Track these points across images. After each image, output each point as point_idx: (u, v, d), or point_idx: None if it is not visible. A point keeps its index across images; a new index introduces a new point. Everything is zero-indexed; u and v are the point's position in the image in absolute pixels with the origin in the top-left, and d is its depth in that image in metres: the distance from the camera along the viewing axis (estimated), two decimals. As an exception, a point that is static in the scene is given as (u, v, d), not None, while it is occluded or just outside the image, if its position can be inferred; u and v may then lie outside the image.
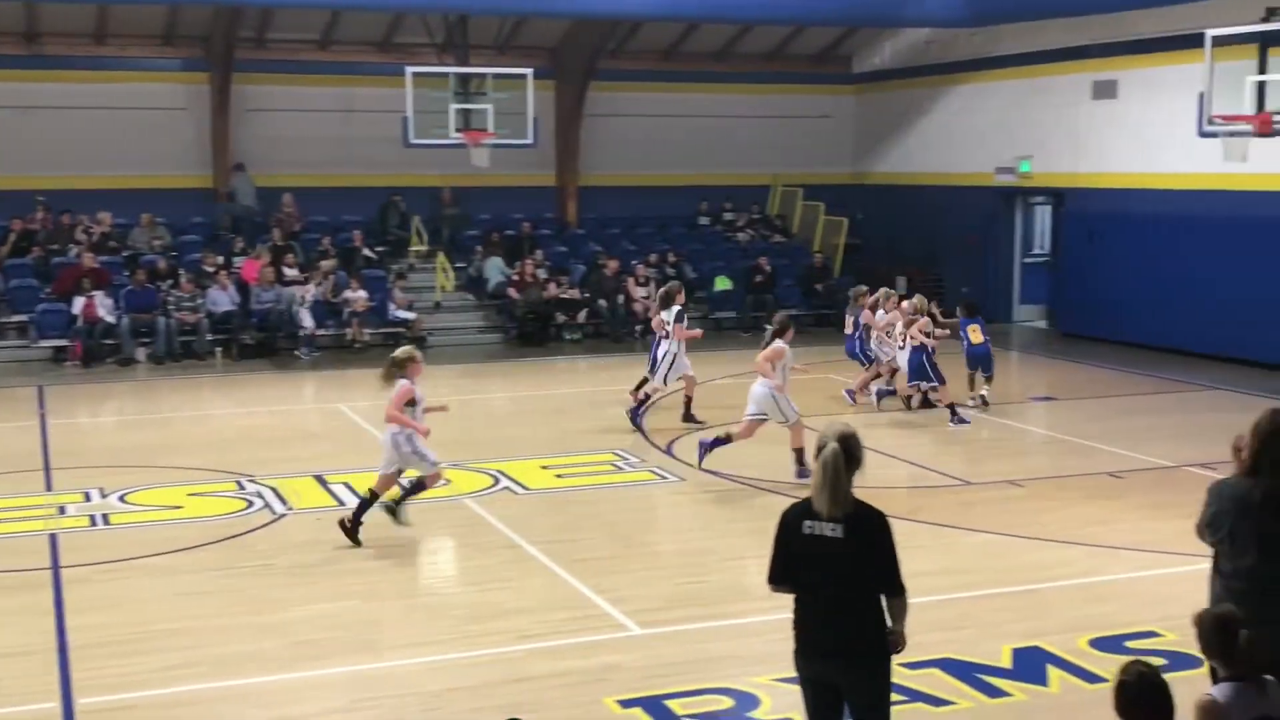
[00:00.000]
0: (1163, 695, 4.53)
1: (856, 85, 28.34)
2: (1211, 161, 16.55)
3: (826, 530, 5.36)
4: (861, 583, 5.40)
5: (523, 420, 16.43)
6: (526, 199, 25.57)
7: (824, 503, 5.35)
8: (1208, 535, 5.53)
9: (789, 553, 5.50)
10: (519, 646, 8.33)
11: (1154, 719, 4.54)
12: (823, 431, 5.48)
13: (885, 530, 5.42)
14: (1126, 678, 4.57)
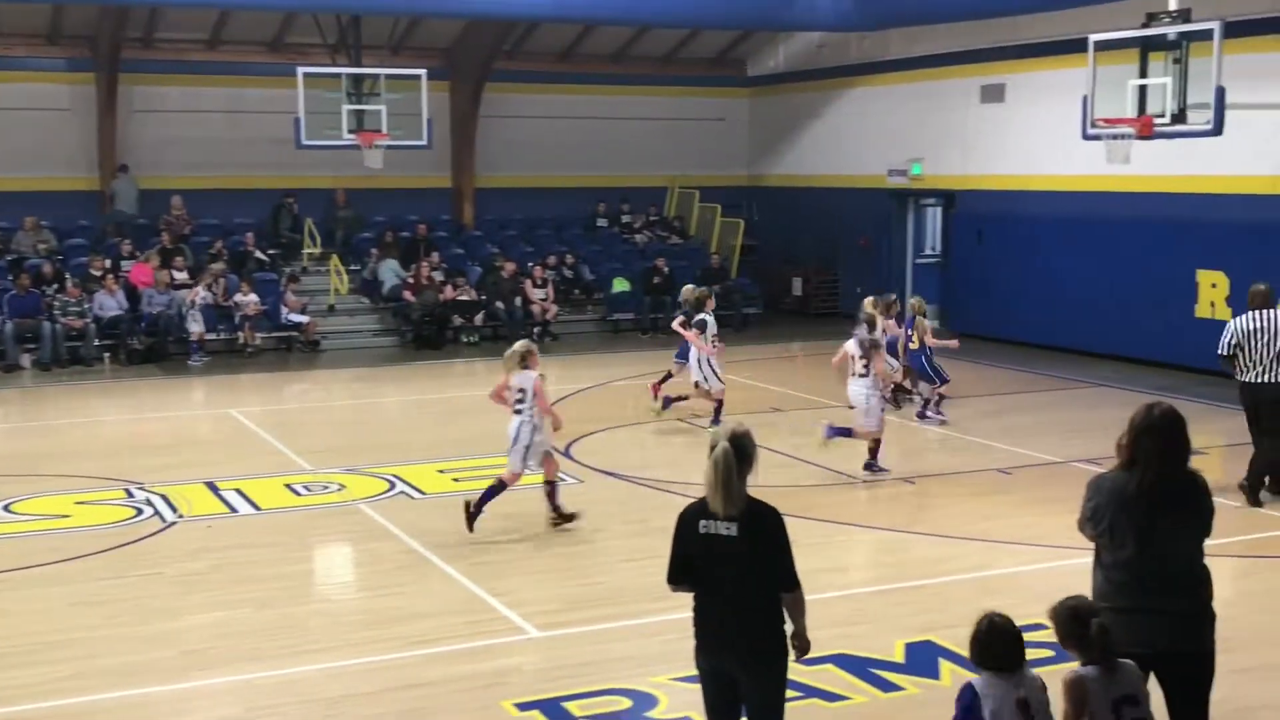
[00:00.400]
0: (1013, 638, 5.08)
1: (751, 88, 28.58)
2: (1095, 164, 16.94)
3: (722, 529, 5.41)
4: (757, 580, 5.45)
5: (419, 424, 16.31)
6: (422, 201, 25.39)
7: (718, 502, 5.39)
8: (1089, 529, 5.66)
9: (686, 552, 5.54)
10: (416, 652, 8.27)
11: (1006, 662, 5.06)
12: (715, 431, 5.53)
13: (779, 527, 5.47)
14: (980, 627, 5.12)
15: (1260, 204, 17.88)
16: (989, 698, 5.03)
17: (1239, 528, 10.52)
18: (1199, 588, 5.57)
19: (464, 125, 25.52)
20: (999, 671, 5.09)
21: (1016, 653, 5.11)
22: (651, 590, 9.30)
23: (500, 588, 9.46)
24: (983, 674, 5.12)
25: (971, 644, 5.16)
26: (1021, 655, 5.12)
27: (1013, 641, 5.11)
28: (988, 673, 5.10)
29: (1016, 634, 5.13)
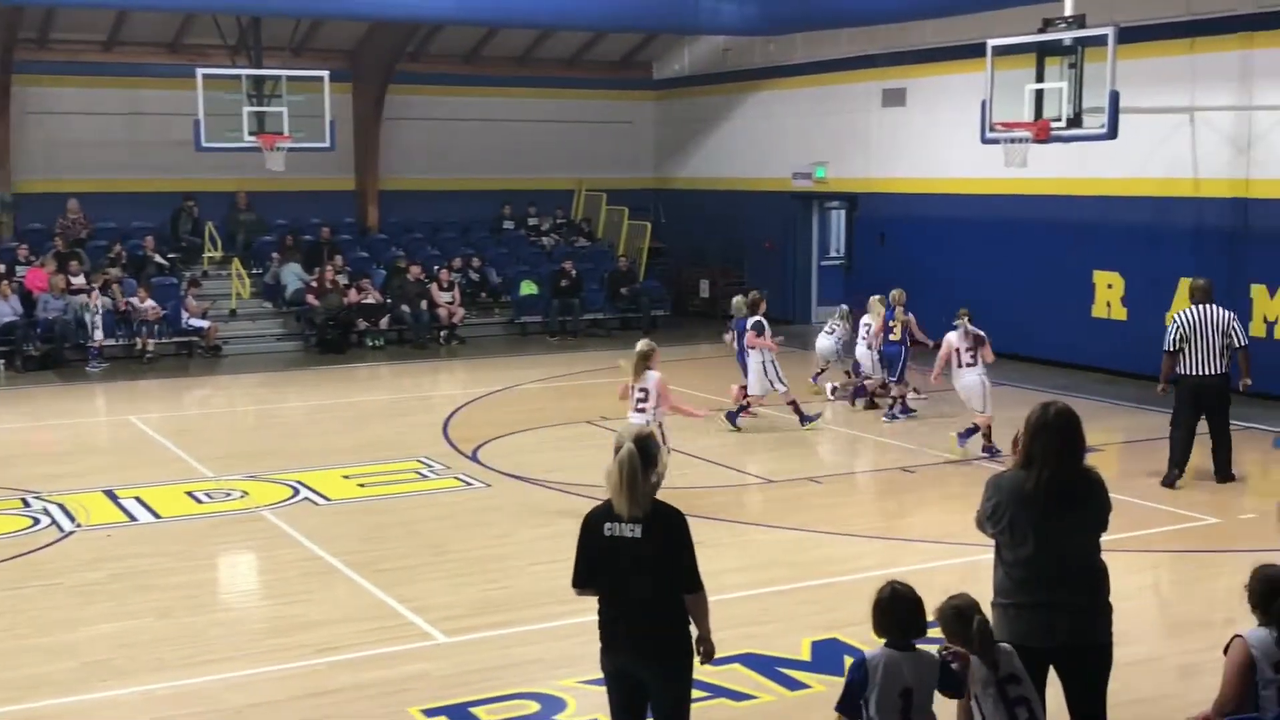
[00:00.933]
0: (915, 606, 5.18)
1: (657, 91, 28.66)
2: (994, 167, 17.21)
3: (626, 531, 5.42)
4: (662, 582, 5.47)
5: (323, 429, 16.13)
6: (325, 203, 25.13)
7: (623, 504, 5.40)
8: (988, 527, 5.75)
9: (591, 555, 5.55)
10: (321, 659, 8.18)
11: (908, 630, 5.17)
12: (619, 433, 5.53)
13: (683, 529, 5.50)
14: (881, 594, 5.23)
15: (1154, 206, 18.30)
16: (876, 680, 5.10)
17: (1134, 523, 10.75)
18: (1096, 582, 5.68)
19: (367, 127, 25.29)
20: (898, 646, 5.17)
21: (918, 621, 5.19)
22: (559, 593, 9.27)
23: (407, 594, 9.39)
24: (880, 649, 5.19)
25: (873, 611, 5.23)
26: (923, 624, 5.19)
27: (914, 609, 5.18)
28: (885, 648, 5.18)
29: (918, 601, 5.20)
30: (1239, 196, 17.31)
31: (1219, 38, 17.33)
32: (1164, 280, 17.82)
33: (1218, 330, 12.03)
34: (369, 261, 24.29)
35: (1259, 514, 11.42)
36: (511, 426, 15.50)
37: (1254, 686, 5.33)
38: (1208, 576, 9.89)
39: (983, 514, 5.75)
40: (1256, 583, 5.48)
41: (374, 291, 22.91)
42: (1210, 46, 17.44)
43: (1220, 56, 17.31)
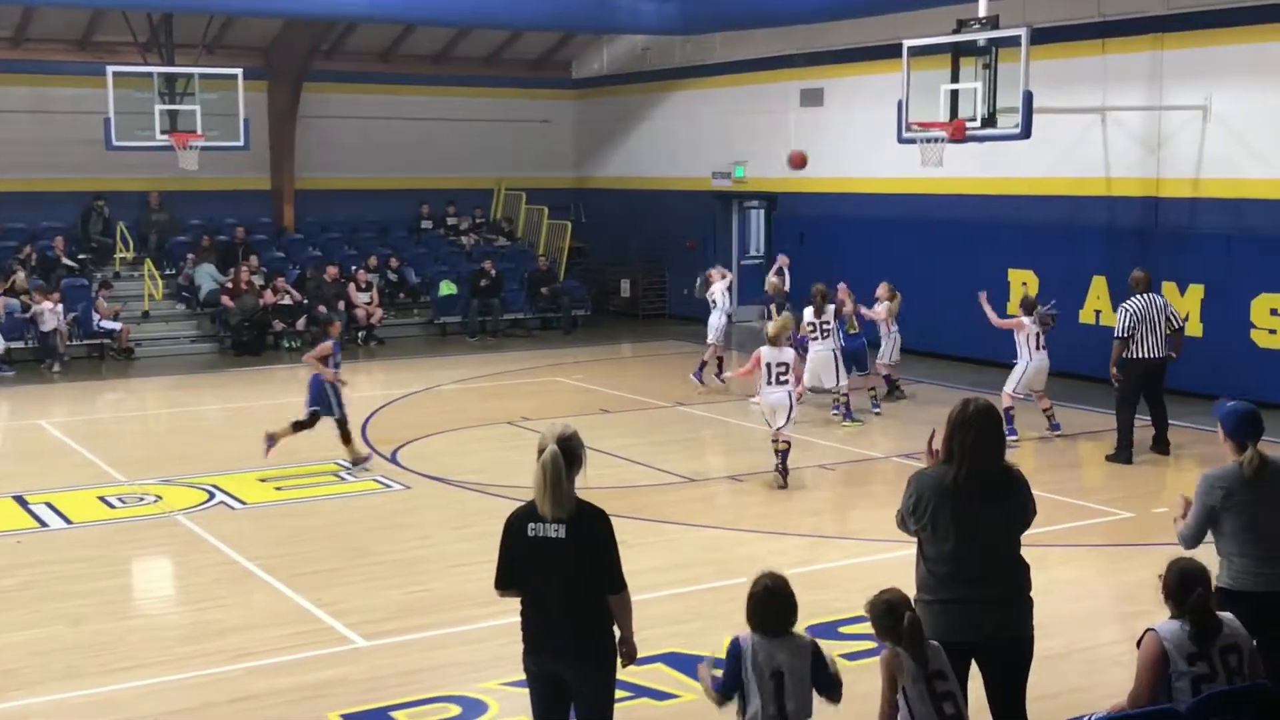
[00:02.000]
0: (785, 603, 5.32)
1: (576, 90, 28.62)
2: (911, 166, 17.38)
3: (550, 531, 5.40)
4: (585, 582, 5.46)
5: (239, 432, 15.85)
6: (239, 203, 24.80)
7: (547, 505, 5.37)
8: (910, 523, 5.79)
9: (514, 556, 5.52)
10: (238, 665, 8.06)
11: (774, 625, 5.29)
12: (543, 433, 5.49)
13: (607, 529, 5.49)
14: (755, 588, 5.35)
15: (1067, 205, 18.59)
16: (747, 663, 5.27)
17: (1050, 517, 10.87)
18: (1018, 576, 5.74)
19: (282, 126, 24.98)
20: (766, 633, 5.31)
21: (786, 618, 5.32)
22: (480, 596, 9.23)
23: (325, 598, 9.28)
24: (751, 633, 5.33)
25: (747, 602, 5.36)
26: (789, 621, 5.33)
27: (783, 605, 5.32)
28: (753, 633, 5.32)
29: (789, 599, 5.34)
30: (1149, 196, 17.64)
31: (1130, 39, 17.64)
32: (1077, 278, 18.11)
33: (1161, 316, 13.21)
34: (285, 262, 24.01)
35: (1170, 508, 11.62)
36: (431, 428, 15.39)
37: (1167, 679, 5.40)
38: (1121, 570, 10.04)
39: (904, 510, 5.78)
40: (1171, 576, 5.55)
41: (290, 292, 22.64)
42: (1121, 48, 17.76)
43: (1131, 57, 17.63)
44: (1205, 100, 16.79)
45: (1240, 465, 6.19)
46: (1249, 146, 16.36)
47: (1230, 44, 16.39)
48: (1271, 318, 15.93)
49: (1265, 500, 6.19)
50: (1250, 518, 6.17)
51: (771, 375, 12.52)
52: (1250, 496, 6.17)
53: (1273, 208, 16.21)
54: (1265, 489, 6.19)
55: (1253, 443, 6.22)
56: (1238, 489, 6.20)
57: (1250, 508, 6.17)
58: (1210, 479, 6.27)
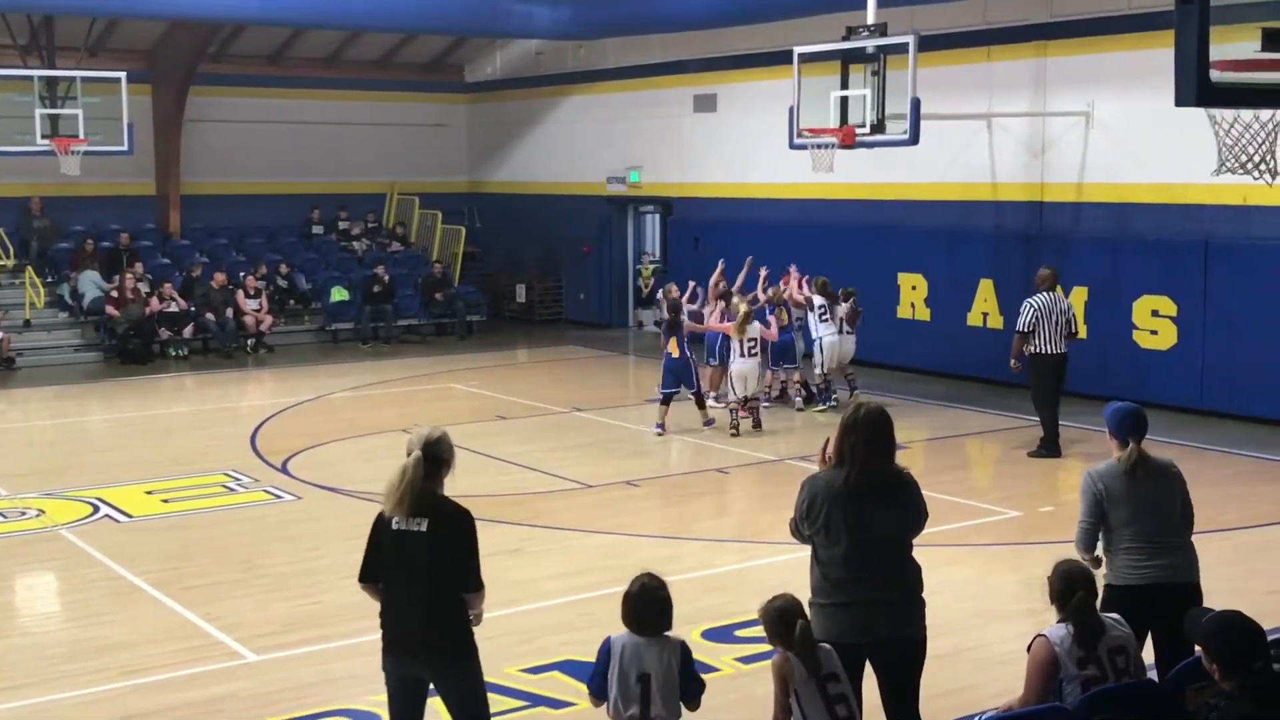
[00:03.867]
0: (658, 604, 5.41)
1: (470, 94, 28.47)
2: (803, 172, 17.53)
3: (414, 526, 5.55)
4: (444, 579, 5.59)
5: (125, 443, 15.55)
6: (124, 208, 24.26)
7: (396, 507, 5.55)
8: (804, 527, 5.83)
9: (379, 549, 5.67)
10: (124, 683, 7.86)
11: (646, 625, 5.39)
12: (410, 437, 5.65)
13: (469, 529, 5.62)
14: (631, 588, 5.44)
15: (955, 210, 18.90)
16: (615, 663, 5.37)
17: (939, 517, 11.01)
18: (910, 577, 5.81)
19: (168, 129, 24.49)
20: (639, 633, 5.40)
21: (658, 618, 5.40)
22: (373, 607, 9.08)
23: (215, 612, 9.10)
24: (625, 633, 5.42)
25: (621, 602, 5.45)
26: (662, 622, 5.41)
27: (656, 606, 5.41)
28: (627, 632, 5.41)
29: (662, 600, 5.43)
30: (1034, 200, 18.00)
31: (1014, 46, 18.00)
32: (965, 281, 18.42)
33: (1062, 314, 13.63)
34: (171, 269, 23.53)
35: (1056, 507, 11.87)
36: (323, 437, 15.17)
37: (1058, 683, 5.50)
38: (1009, 569, 10.22)
39: (798, 514, 5.82)
40: (1055, 578, 5.65)
41: (177, 299, 22.19)
42: (1006, 55, 18.11)
43: (1016, 65, 17.99)
44: (1088, 107, 17.19)
45: (1120, 461, 6.38)
46: (1130, 152, 16.76)
47: (1112, 51, 16.79)
48: (1153, 319, 16.34)
49: (1146, 495, 6.38)
50: (1132, 512, 6.34)
51: (744, 348, 14.69)
52: (1131, 492, 6.35)
53: (1153, 212, 16.63)
54: (1146, 484, 6.38)
55: (1134, 439, 6.40)
56: (1118, 484, 6.37)
57: (1131, 502, 6.35)
58: (1091, 474, 6.46)
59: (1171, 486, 6.49)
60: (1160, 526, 6.36)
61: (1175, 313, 16.15)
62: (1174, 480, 6.52)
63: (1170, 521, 6.41)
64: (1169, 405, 16.06)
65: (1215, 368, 15.82)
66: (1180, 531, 6.45)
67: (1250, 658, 4.64)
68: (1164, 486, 6.46)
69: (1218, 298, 15.77)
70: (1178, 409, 15.95)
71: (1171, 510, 6.44)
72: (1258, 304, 15.39)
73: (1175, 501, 6.48)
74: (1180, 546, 6.41)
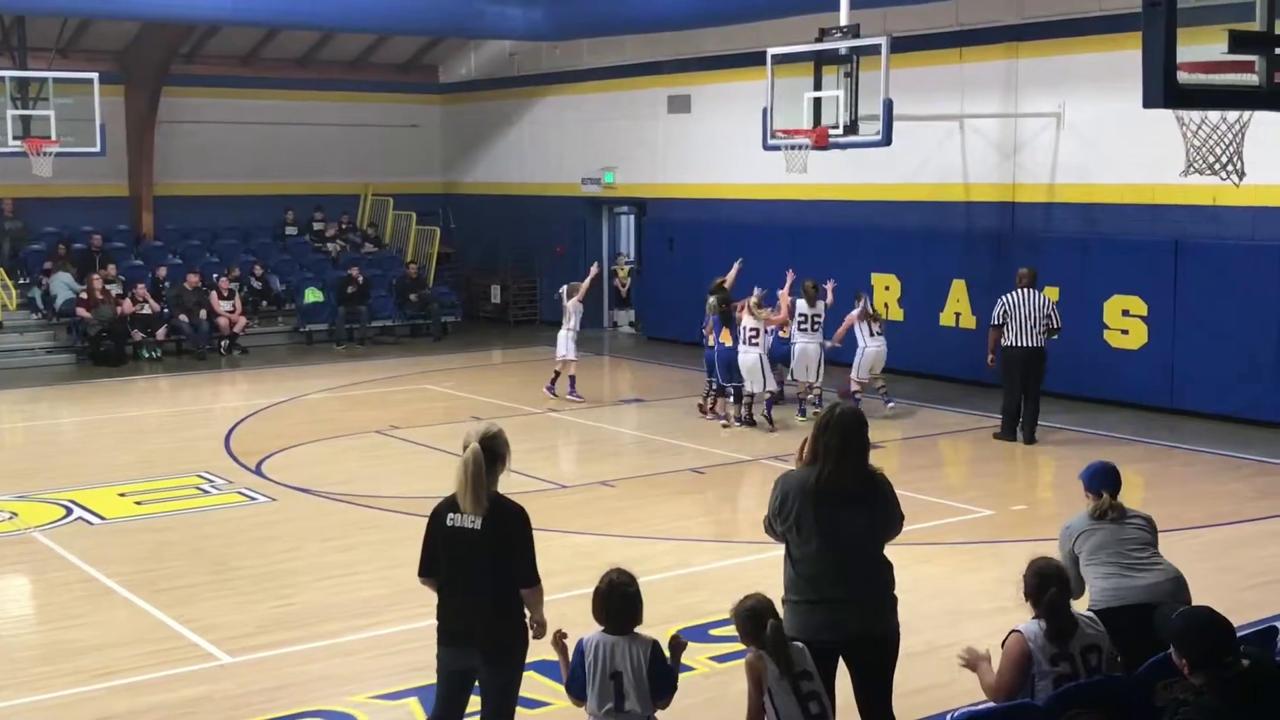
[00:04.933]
0: (627, 600, 5.46)
1: (444, 95, 28.44)
2: (776, 172, 17.57)
3: (467, 523, 5.65)
4: (499, 575, 5.69)
5: (98, 445, 15.48)
6: (97, 210, 24.15)
7: (467, 501, 5.63)
8: (776, 524, 5.86)
9: (435, 545, 5.77)
10: (98, 685, 7.84)
11: (617, 622, 5.46)
12: (468, 431, 5.72)
13: (524, 525, 5.75)
14: (600, 585, 5.50)
15: (928, 210, 18.99)
16: (588, 663, 5.44)
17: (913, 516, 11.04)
18: (882, 577, 5.86)
19: (141, 130, 24.39)
20: (613, 630, 5.47)
21: (627, 615, 5.47)
22: (349, 608, 9.14)
23: (188, 614, 9.08)
24: (597, 632, 5.49)
25: (592, 599, 5.51)
26: (631, 619, 5.48)
27: (625, 603, 5.46)
28: (601, 633, 5.48)
29: (631, 596, 5.48)
30: (1005, 201, 18.10)
31: (986, 48, 18.09)
32: (938, 281, 18.51)
33: (1037, 311, 14.20)
34: (144, 270, 23.43)
35: (1028, 505, 11.95)
36: (297, 438, 15.14)
37: (1030, 679, 5.55)
38: (982, 567, 10.28)
39: (771, 512, 5.87)
40: (1029, 575, 5.72)
41: (150, 301, 22.10)
42: (978, 56, 18.21)
43: (987, 66, 18.09)
44: (1059, 108, 17.30)
45: (1092, 511, 6.74)
46: (1101, 153, 16.88)
47: (1082, 53, 16.89)
48: (1123, 318, 16.45)
49: (1118, 529, 6.67)
50: (1102, 540, 6.63)
51: (745, 336, 14.90)
52: (1101, 526, 6.68)
53: (1124, 212, 16.75)
54: (1114, 524, 6.69)
55: (1108, 491, 6.77)
56: (1087, 526, 6.72)
57: (1100, 532, 6.66)
58: (1065, 528, 6.84)
59: (1146, 529, 6.77)
60: (1135, 546, 6.63)
61: (1146, 312, 16.27)
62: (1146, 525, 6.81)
63: (1146, 545, 6.68)
64: (1139, 404, 16.22)
65: (1185, 367, 15.94)
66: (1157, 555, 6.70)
67: (1219, 653, 4.69)
68: (1134, 528, 6.73)
69: (1188, 297, 15.90)
70: (1148, 408, 16.10)
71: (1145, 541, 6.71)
72: (1227, 303, 15.51)
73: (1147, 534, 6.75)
74: (1160, 565, 6.66)
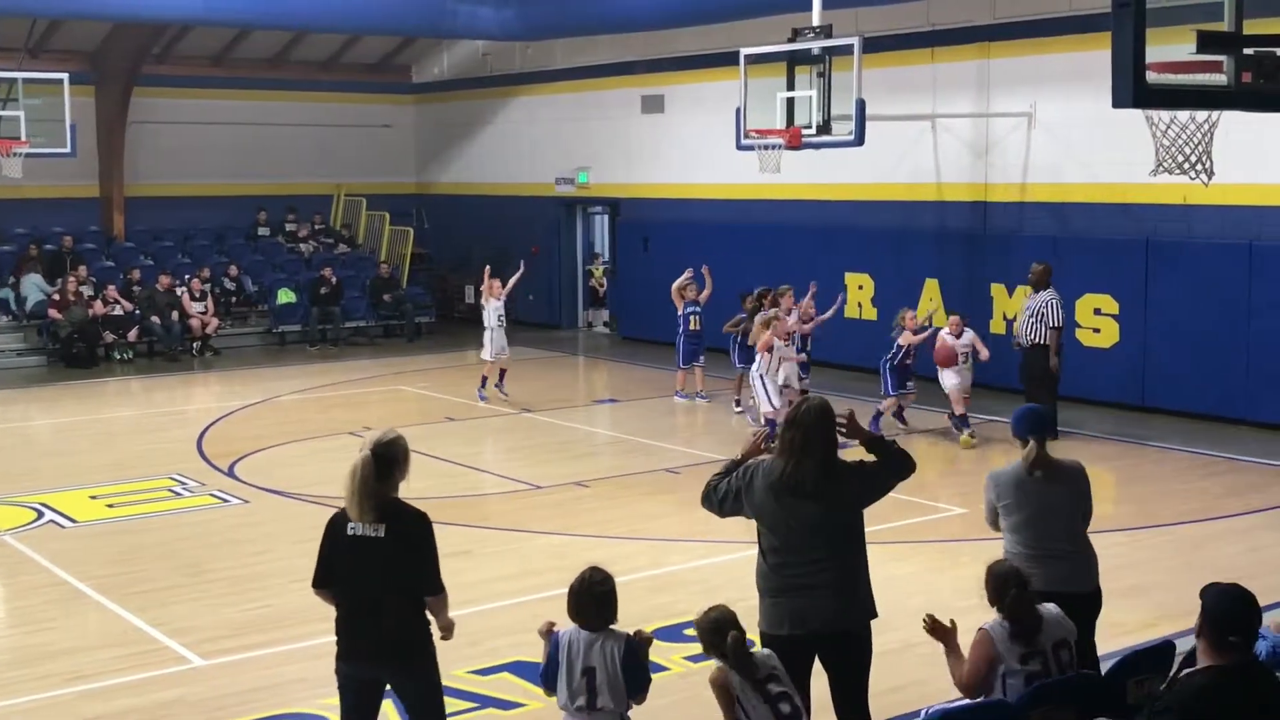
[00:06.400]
0: (601, 599, 5.47)
1: (417, 95, 28.37)
2: (750, 172, 17.62)
3: (369, 531, 5.50)
4: (402, 583, 5.56)
5: (70, 448, 15.39)
6: (67, 211, 24.01)
7: (353, 510, 5.50)
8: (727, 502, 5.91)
9: (333, 554, 5.62)
10: (70, 689, 7.80)
11: (590, 620, 5.46)
12: (364, 438, 5.62)
13: (425, 531, 5.59)
14: (575, 583, 5.51)
15: (900, 210, 19.05)
16: (570, 649, 5.47)
17: (886, 514, 11.13)
18: (854, 571, 5.86)
19: (111, 131, 24.24)
20: (585, 627, 5.49)
21: (602, 612, 5.48)
22: (321, 610, 9.04)
23: (161, 617, 9.04)
24: (573, 627, 5.51)
25: (567, 595, 5.54)
26: (605, 616, 5.49)
27: (599, 600, 5.48)
28: (577, 628, 5.49)
29: (605, 594, 5.50)
30: (978, 200, 18.18)
31: (958, 48, 18.17)
32: (911, 281, 18.56)
33: (1026, 311, 14.36)
34: (115, 271, 23.30)
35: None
36: (270, 440, 15.09)
37: (1001, 676, 5.57)
38: (956, 565, 10.32)
39: (726, 488, 5.91)
40: (989, 580, 5.73)
41: (121, 302, 21.98)
42: (950, 56, 18.28)
43: (959, 66, 18.16)
44: (1030, 107, 17.38)
45: (1020, 461, 6.42)
46: (1072, 152, 16.97)
47: (1053, 53, 16.98)
48: (1095, 317, 16.55)
49: (1041, 499, 6.37)
50: (1025, 517, 6.37)
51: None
52: (1026, 495, 6.37)
53: (1094, 211, 16.84)
54: (1043, 485, 6.37)
55: (1035, 439, 6.41)
56: (1013, 486, 6.41)
57: (1025, 508, 6.37)
58: (990, 475, 6.57)
59: (1072, 489, 6.45)
60: (1050, 533, 6.33)
61: (1117, 310, 16.37)
62: (1076, 482, 6.47)
63: (1064, 529, 6.37)
64: (1111, 402, 16.31)
65: (1156, 365, 16.05)
66: (1075, 539, 6.41)
67: (1230, 630, 4.59)
68: (1063, 490, 6.41)
69: (1159, 296, 16.00)
70: (1120, 406, 16.19)
71: (1068, 516, 6.40)
72: (1198, 302, 15.62)
73: (1075, 505, 6.44)
74: (1072, 555, 6.38)
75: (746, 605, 5.81)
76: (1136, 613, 8.73)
